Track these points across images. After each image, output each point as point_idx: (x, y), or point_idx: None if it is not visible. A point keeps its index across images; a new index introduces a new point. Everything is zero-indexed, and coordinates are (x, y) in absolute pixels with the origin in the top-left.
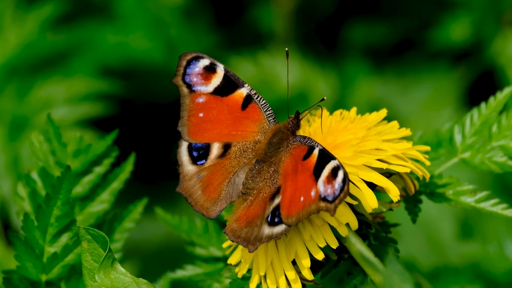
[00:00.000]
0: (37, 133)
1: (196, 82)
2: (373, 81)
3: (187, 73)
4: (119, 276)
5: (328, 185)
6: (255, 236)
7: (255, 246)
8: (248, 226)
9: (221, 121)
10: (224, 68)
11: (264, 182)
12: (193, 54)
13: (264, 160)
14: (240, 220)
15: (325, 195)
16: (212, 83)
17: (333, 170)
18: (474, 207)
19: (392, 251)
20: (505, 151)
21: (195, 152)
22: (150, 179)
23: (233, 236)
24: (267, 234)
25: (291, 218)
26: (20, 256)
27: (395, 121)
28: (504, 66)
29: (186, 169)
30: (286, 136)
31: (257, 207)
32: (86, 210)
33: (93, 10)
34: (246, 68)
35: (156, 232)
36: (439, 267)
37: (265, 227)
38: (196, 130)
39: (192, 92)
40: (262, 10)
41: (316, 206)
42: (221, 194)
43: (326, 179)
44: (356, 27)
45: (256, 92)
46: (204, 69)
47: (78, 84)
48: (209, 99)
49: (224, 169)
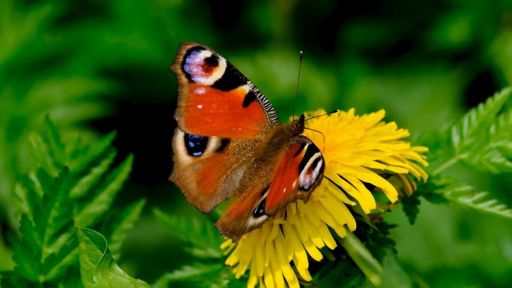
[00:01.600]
0: (35, 134)
1: (196, 72)
2: (371, 82)
3: (186, 62)
4: (117, 277)
5: (308, 175)
6: (241, 228)
7: (239, 236)
8: (237, 220)
9: (221, 116)
10: (227, 62)
11: (259, 179)
12: (194, 44)
13: (263, 159)
14: (231, 215)
15: (303, 184)
16: (213, 76)
17: (314, 161)
18: (472, 208)
19: (390, 252)
20: (503, 152)
21: (191, 143)
22: (148, 180)
23: (222, 229)
24: (251, 224)
25: (271, 208)
26: (18, 257)
27: (393, 122)
28: (502, 67)
29: (181, 159)
30: (287, 138)
31: (248, 202)
32: (84, 211)
33: (91, 11)
34: (244, 69)
35: (154, 233)
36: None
37: (251, 219)
38: (194, 121)
39: (192, 82)
40: (260, 11)
41: (294, 195)
42: (217, 189)
43: (307, 170)
44: (354, 28)
45: (259, 91)
46: (205, 60)
47: (76, 84)
48: (209, 92)
49: (221, 164)
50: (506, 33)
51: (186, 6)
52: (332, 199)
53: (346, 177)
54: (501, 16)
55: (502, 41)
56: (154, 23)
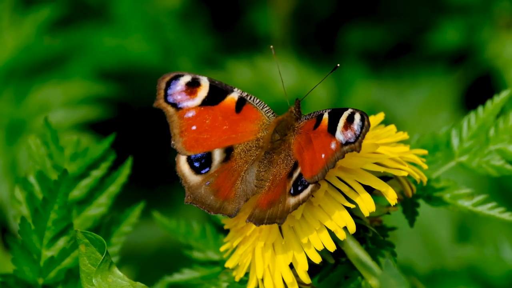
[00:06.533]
0: (35, 137)
1: (181, 99)
2: (370, 85)
3: (168, 94)
4: (117, 279)
5: (347, 131)
6: (282, 211)
7: (283, 219)
8: (271, 207)
9: (217, 128)
10: (208, 79)
11: (277, 168)
12: (172, 75)
13: (273, 149)
14: (262, 205)
15: (347, 139)
16: (199, 96)
17: (349, 117)
18: (471, 211)
19: (389, 255)
20: (503, 155)
21: (196, 163)
22: (148, 183)
23: (258, 220)
24: (294, 203)
25: (316, 175)
26: (17, 260)
27: (392, 125)
28: (501, 69)
29: (190, 180)
30: (291, 123)
31: (276, 189)
32: (84, 213)
33: (90, 13)
34: (243, 71)
35: (154, 236)
36: (436, 270)
37: (290, 199)
38: (193, 142)
39: (179, 109)
40: (259, 13)
41: (341, 153)
42: (237, 192)
43: (343, 128)
44: (353, 31)
45: (247, 94)
46: (187, 85)
47: (75, 87)
48: (199, 111)
49: (232, 170)
50: (504, 35)
51: (185, 9)
52: (331, 201)
53: (345, 180)
54: (499, 19)
55: (500, 43)
56: (153, 25)
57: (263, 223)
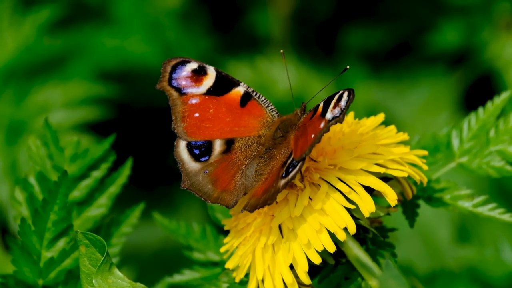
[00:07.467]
0: (35, 138)
1: (185, 85)
2: (371, 86)
3: (173, 78)
4: (117, 280)
5: (335, 108)
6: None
7: (273, 199)
8: (265, 193)
9: (220, 119)
10: (215, 69)
11: (275, 161)
12: (178, 59)
13: (274, 146)
14: (257, 194)
15: (333, 116)
16: (204, 84)
17: (338, 97)
18: (471, 212)
19: (389, 256)
20: (503, 156)
21: (196, 150)
22: (148, 184)
23: (252, 207)
24: (283, 183)
25: (303, 153)
26: (17, 261)
27: (392, 126)
28: (501, 70)
29: (189, 166)
30: (293, 123)
31: (271, 178)
32: (84, 214)
33: (90, 14)
34: (243, 72)
35: (154, 237)
36: (436, 271)
37: (281, 181)
38: (194, 129)
39: (183, 94)
40: (259, 14)
41: (326, 127)
42: (236, 185)
43: (333, 106)
44: (353, 31)
45: (254, 90)
46: (193, 72)
47: (75, 88)
48: (204, 100)
49: (232, 163)
50: (504, 36)
51: (185, 9)
52: (331, 202)
53: (345, 181)
54: (499, 19)
55: (501, 44)
56: (153, 26)
57: (257, 209)
